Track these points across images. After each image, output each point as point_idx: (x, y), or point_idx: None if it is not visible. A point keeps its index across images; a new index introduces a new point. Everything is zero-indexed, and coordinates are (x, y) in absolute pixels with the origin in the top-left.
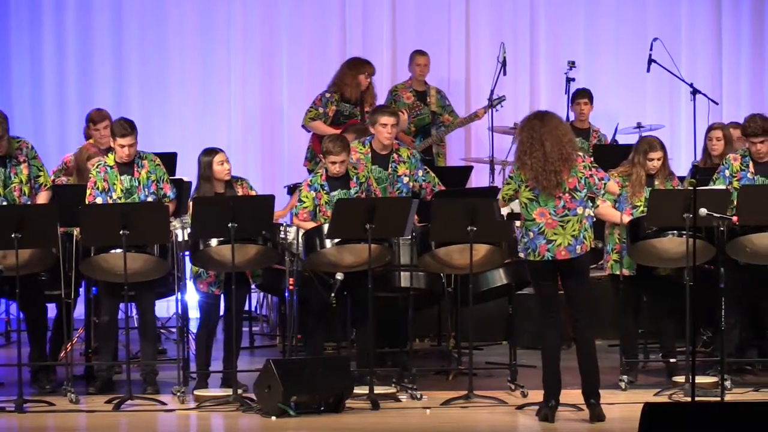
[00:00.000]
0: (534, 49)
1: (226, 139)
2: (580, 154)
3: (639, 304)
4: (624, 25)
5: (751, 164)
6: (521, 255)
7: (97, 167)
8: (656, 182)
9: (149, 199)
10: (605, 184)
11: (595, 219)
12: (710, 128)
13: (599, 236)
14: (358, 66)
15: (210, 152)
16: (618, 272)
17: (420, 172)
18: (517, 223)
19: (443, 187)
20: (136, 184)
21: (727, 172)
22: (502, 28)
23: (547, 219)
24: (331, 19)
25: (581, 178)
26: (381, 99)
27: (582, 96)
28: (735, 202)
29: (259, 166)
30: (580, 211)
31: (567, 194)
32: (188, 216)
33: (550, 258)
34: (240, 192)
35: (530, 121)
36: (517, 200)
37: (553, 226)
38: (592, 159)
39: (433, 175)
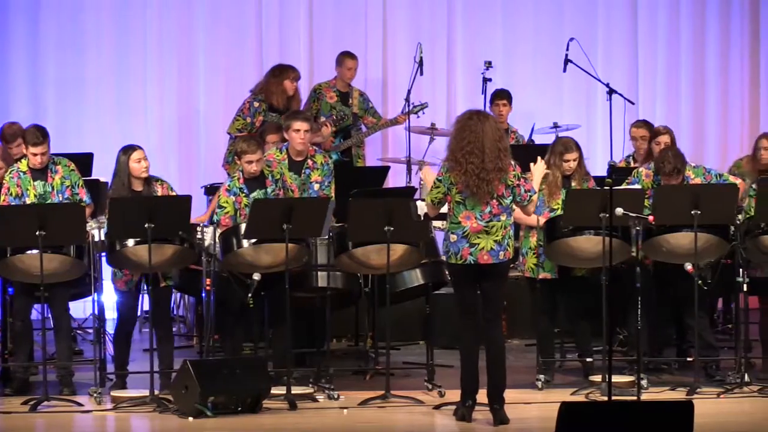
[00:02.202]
0: (451, 49)
1: (143, 140)
2: (512, 162)
3: (555, 305)
4: (541, 26)
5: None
6: (443, 257)
7: (10, 173)
8: (573, 183)
9: None
10: (530, 196)
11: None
12: (656, 133)
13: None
14: (282, 72)
15: (128, 149)
16: (538, 276)
17: (326, 182)
18: (439, 224)
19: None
20: (50, 189)
21: (637, 186)
22: (419, 28)
23: (472, 223)
24: (247, 20)
25: (509, 186)
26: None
27: (501, 97)
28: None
29: (176, 166)
30: (503, 218)
31: (495, 200)
32: (105, 216)
33: (473, 262)
34: (160, 192)
35: (470, 122)
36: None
37: (478, 230)
38: (520, 169)
39: (331, 194)
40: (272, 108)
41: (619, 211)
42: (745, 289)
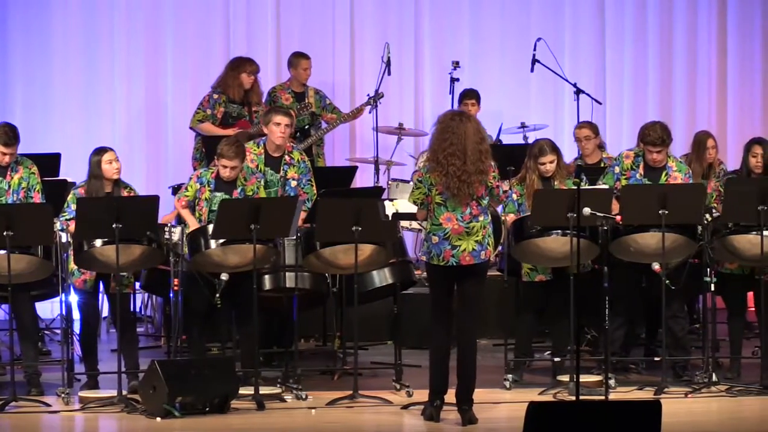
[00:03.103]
0: (418, 49)
1: (111, 140)
2: (492, 163)
3: (545, 306)
4: (508, 26)
5: (641, 166)
6: (423, 258)
7: None
8: (555, 183)
9: None
10: (518, 204)
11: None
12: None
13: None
14: (239, 65)
15: (100, 151)
16: (536, 279)
17: (304, 180)
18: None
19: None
20: (6, 187)
21: (617, 169)
22: (386, 28)
23: (453, 225)
24: (214, 18)
25: (488, 187)
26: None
27: (469, 97)
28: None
29: (144, 166)
30: (482, 218)
31: (474, 201)
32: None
33: (455, 263)
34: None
35: (452, 123)
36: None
37: (459, 231)
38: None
39: (314, 191)
40: (231, 100)
41: (587, 210)
42: (713, 288)
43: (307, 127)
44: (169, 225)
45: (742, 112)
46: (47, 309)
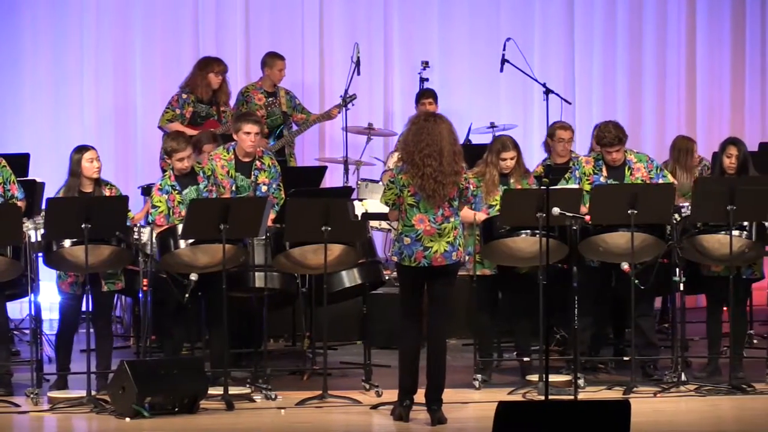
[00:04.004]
0: (388, 49)
1: (80, 140)
2: (464, 165)
3: (495, 302)
4: (477, 26)
5: (604, 168)
6: (394, 258)
7: None
8: (511, 181)
9: None
10: (475, 196)
11: None
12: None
13: None
14: (207, 65)
15: (81, 149)
16: (479, 272)
17: (274, 185)
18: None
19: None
20: None
21: (578, 173)
22: (355, 28)
23: (426, 226)
24: (183, 18)
25: (460, 188)
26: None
27: (427, 96)
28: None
29: (113, 166)
30: (453, 219)
31: (446, 203)
32: (41, 217)
33: (427, 265)
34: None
35: (426, 124)
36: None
37: (431, 233)
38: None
39: (282, 195)
40: (200, 100)
41: (556, 210)
42: (681, 288)
43: (281, 127)
44: (138, 225)
45: (711, 112)
46: (16, 309)
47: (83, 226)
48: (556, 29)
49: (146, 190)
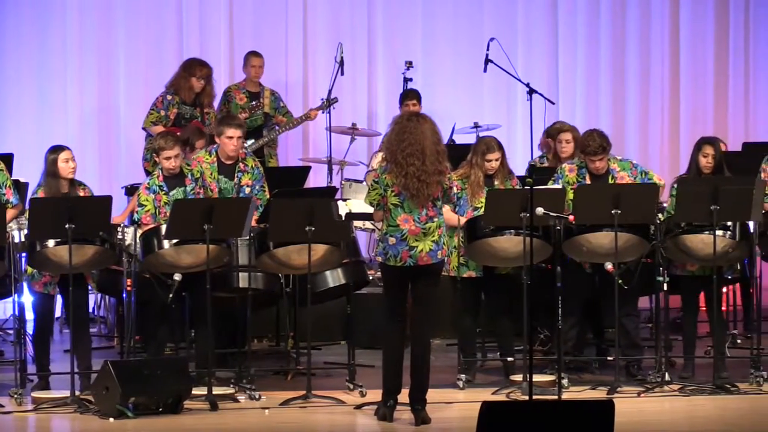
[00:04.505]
0: (371, 49)
1: (64, 140)
2: (448, 165)
3: (479, 303)
4: (461, 26)
5: (587, 177)
6: (379, 259)
7: None
8: (496, 182)
9: None
10: (459, 198)
11: None
12: (561, 130)
13: None
14: (190, 68)
15: (56, 149)
16: (464, 275)
17: (257, 186)
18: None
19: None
20: None
21: (561, 182)
22: (339, 28)
23: (410, 226)
24: (167, 18)
25: (444, 188)
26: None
27: (410, 97)
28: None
29: (97, 166)
30: (437, 219)
31: (430, 202)
32: (25, 217)
33: (412, 264)
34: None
35: (409, 123)
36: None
37: (416, 233)
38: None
39: (267, 196)
40: (184, 101)
41: (540, 210)
42: (665, 288)
43: (260, 127)
44: (121, 225)
45: (695, 113)
46: None
47: (67, 226)
48: (539, 29)
49: (130, 191)
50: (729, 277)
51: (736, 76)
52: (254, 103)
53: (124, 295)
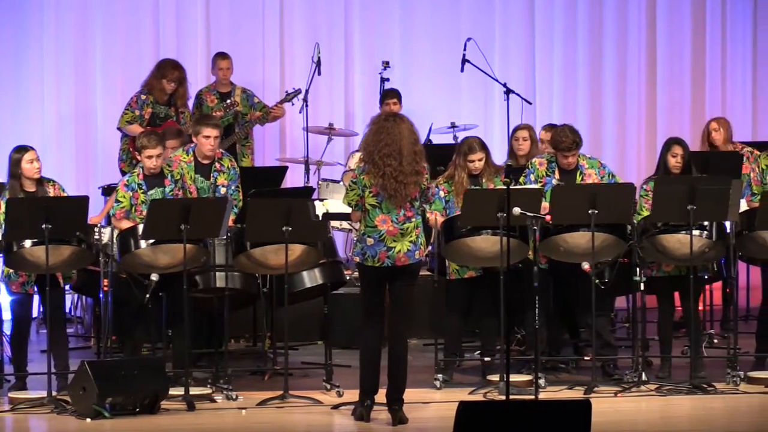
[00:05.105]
0: (348, 49)
1: (40, 140)
2: (425, 165)
3: (470, 304)
4: (438, 25)
5: (557, 171)
6: (356, 259)
7: None
8: (483, 181)
9: None
10: (445, 200)
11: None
12: (516, 128)
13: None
14: (163, 69)
15: (20, 150)
16: (466, 276)
17: (233, 186)
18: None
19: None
20: None
21: (533, 177)
22: (316, 28)
23: (388, 226)
24: (144, 18)
25: (422, 188)
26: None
27: (391, 96)
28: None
29: (73, 166)
30: (414, 219)
31: (408, 203)
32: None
33: (390, 265)
34: (52, 193)
35: (386, 123)
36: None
37: (394, 233)
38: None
39: (240, 197)
40: (158, 101)
41: (517, 210)
42: (642, 288)
43: (232, 125)
44: (98, 225)
45: (671, 112)
46: None
47: (44, 226)
48: (516, 29)
49: (107, 191)
50: (705, 277)
51: (713, 74)
52: (228, 101)
53: (101, 295)
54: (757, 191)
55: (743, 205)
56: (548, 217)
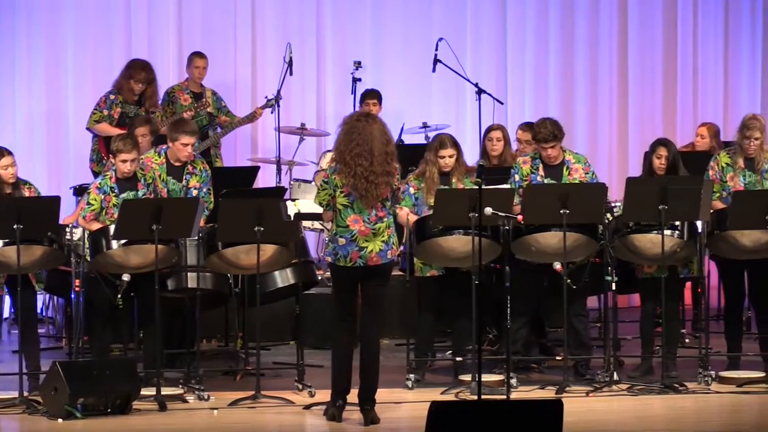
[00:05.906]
0: (320, 49)
1: (12, 140)
2: (397, 165)
3: (440, 303)
4: (410, 25)
5: (541, 167)
6: (328, 259)
7: None
8: (453, 180)
9: None
10: (415, 197)
11: None
12: (489, 129)
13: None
14: (131, 70)
15: None
16: (428, 274)
17: (204, 189)
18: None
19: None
20: None
21: (517, 177)
22: (288, 28)
23: (360, 226)
24: (115, 19)
25: (393, 188)
26: None
27: (371, 97)
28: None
29: (45, 167)
30: (386, 219)
31: (379, 203)
32: None
33: (362, 264)
34: (27, 195)
35: (358, 123)
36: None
37: (366, 233)
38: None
39: (212, 199)
40: (127, 101)
41: (488, 210)
42: (614, 287)
43: (205, 128)
44: (70, 226)
45: (642, 113)
46: None
47: (15, 226)
48: (488, 29)
49: (78, 191)
50: (687, 277)
51: (685, 76)
52: (200, 102)
53: (73, 295)
54: (716, 189)
55: None
56: (520, 218)
